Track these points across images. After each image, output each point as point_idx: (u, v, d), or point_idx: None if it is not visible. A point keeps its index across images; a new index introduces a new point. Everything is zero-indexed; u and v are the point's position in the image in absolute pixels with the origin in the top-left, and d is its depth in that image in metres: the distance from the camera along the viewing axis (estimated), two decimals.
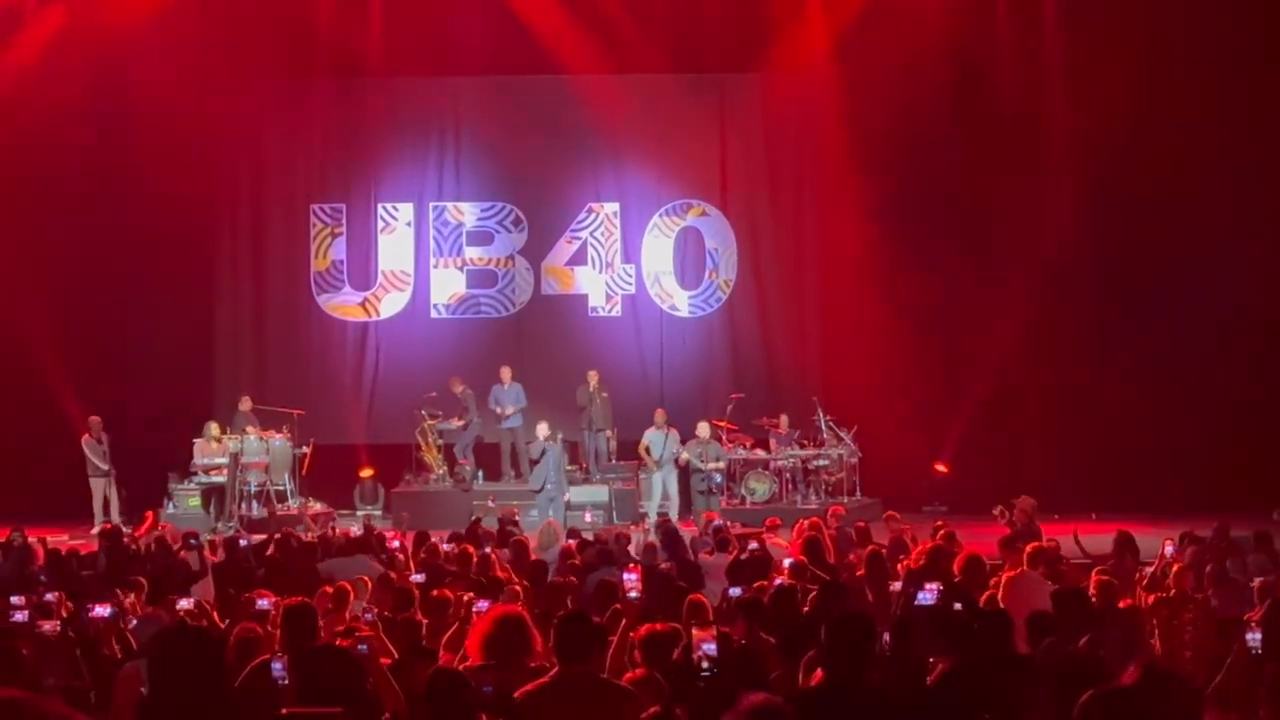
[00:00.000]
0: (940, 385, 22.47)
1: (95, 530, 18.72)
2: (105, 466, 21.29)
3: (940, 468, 22.75)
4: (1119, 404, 21.92)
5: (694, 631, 6.22)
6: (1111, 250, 22.47)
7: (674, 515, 20.03)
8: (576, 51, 23.31)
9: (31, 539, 15.53)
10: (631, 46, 23.15)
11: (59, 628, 8.25)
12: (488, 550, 13.79)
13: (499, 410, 22.38)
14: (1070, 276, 22.64)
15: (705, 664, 5.86)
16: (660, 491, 21.08)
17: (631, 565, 10.22)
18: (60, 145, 22.55)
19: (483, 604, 8.79)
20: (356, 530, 16.40)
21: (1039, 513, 16.53)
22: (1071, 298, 22.67)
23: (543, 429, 20.78)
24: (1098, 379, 22.24)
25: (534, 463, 21.08)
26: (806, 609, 9.47)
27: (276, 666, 6.73)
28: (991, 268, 22.59)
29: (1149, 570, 12.55)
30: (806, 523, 15.45)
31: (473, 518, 18.41)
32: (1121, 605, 10.26)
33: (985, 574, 11.33)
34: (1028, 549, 11.89)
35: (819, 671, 6.04)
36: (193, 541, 15.17)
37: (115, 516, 20.74)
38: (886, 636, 8.41)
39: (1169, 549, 12.74)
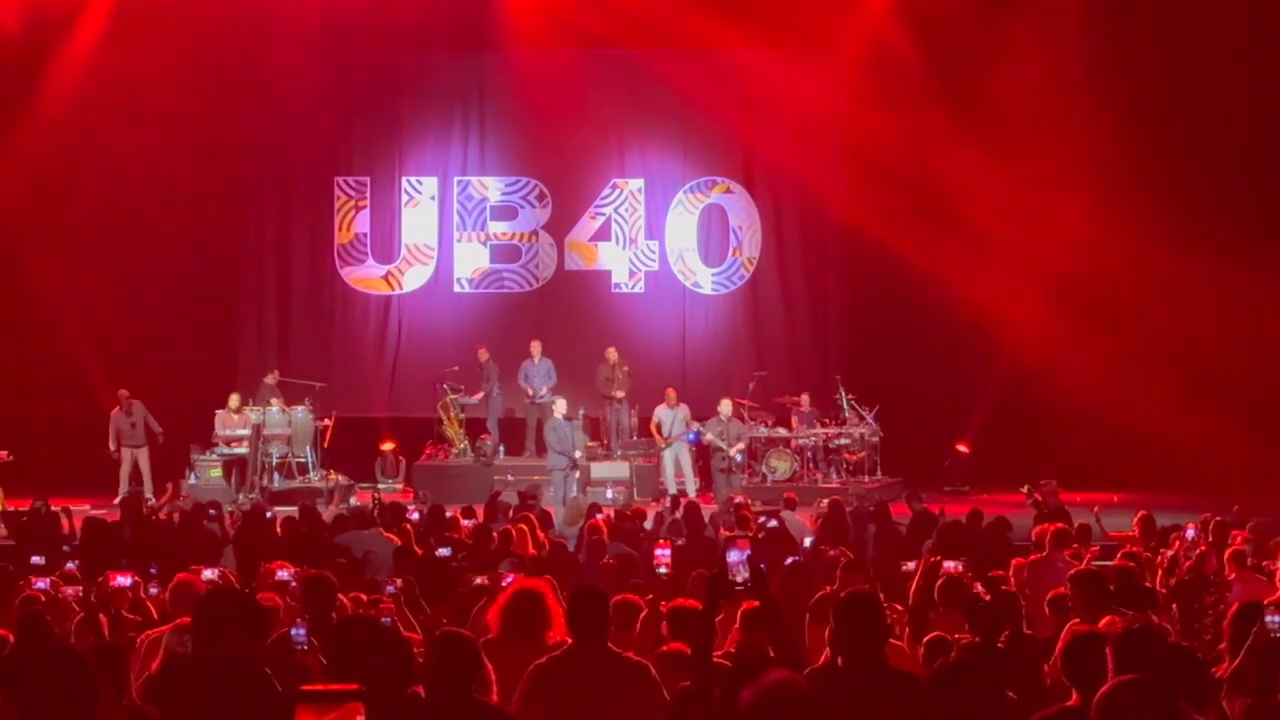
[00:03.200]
0: (963, 365, 22.43)
1: (118, 500, 18.76)
2: (133, 441, 21.31)
3: (962, 447, 22.74)
4: (1143, 384, 21.84)
5: (724, 539, 6.17)
6: (1137, 230, 22.36)
7: (690, 492, 20.05)
8: (601, 27, 23.25)
9: (55, 508, 15.66)
10: (657, 22, 23.07)
11: (80, 593, 8.33)
12: (508, 525, 13.86)
13: (528, 388, 22.36)
14: (1093, 258, 22.55)
15: (739, 576, 5.81)
16: (674, 469, 21.09)
17: (662, 541, 10.26)
18: (86, 118, 22.61)
19: (510, 578, 8.82)
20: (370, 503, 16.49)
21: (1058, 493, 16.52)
22: (1095, 278, 22.56)
23: (560, 405, 20.63)
24: (1121, 358, 22.13)
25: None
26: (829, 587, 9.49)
27: (298, 633, 6.76)
28: (1013, 248, 22.52)
29: (1169, 553, 12.52)
30: (826, 501, 15.52)
31: (492, 491, 18.48)
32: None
33: (1008, 553, 11.36)
34: (1050, 531, 11.89)
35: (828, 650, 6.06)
36: (213, 512, 15.28)
37: (148, 487, 20.83)
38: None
39: (1190, 532, 12.69)
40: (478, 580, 9.76)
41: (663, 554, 8.11)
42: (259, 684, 5.19)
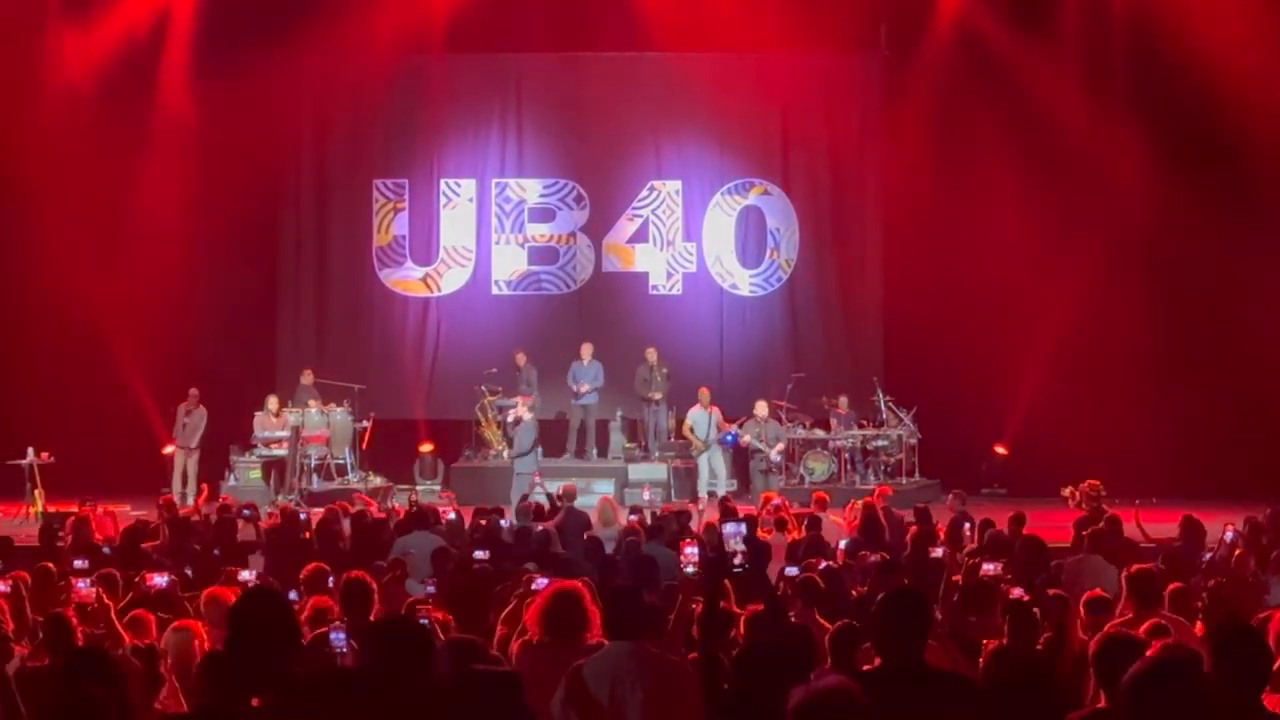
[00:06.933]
0: (1001, 367, 22.30)
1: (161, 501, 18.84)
2: (184, 440, 21.49)
3: (1000, 450, 22.64)
4: (1183, 386, 21.70)
5: (724, 524, 6.11)
6: (1178, 233, 22.20)
7: (721, 492, 20.04)
8: (640, 28, 23.25)
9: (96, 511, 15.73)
10: (694, 24, 23.04)
11: (93, 591, 8.38)
12: (540, 526, 13.89)
13: (576, 387, 22.40)
14: (1135, 259, 22.44)
15: (738, 557, 5.74)
16: (708, 471, 21.11)
17: (689, 540, 10.24)
18: (123, 122, 22.72)
19: (541, 581, 8.81)
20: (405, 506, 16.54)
21: (1102, 496, 16.44)
22: (1136, 281, 22.44)
23: (520, 407, 20.91)
24: (1162, 361, 21.98)
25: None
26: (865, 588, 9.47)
27: (338, 637, 6.76)
28: (1055, 250, 22.42)
29: (1209, 555, 12.43)
30: (861, 503, 15.42)
31: (522, 493, 18.58)
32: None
33: (1046, 556, 11.30)
34: (1087, 532, 11.83)
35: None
36: (247, 513, 15.34)
37: (190, 490, 20.97)
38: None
39: (1229, 534, 12.61)
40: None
41: (691, 552, 8.06)
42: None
